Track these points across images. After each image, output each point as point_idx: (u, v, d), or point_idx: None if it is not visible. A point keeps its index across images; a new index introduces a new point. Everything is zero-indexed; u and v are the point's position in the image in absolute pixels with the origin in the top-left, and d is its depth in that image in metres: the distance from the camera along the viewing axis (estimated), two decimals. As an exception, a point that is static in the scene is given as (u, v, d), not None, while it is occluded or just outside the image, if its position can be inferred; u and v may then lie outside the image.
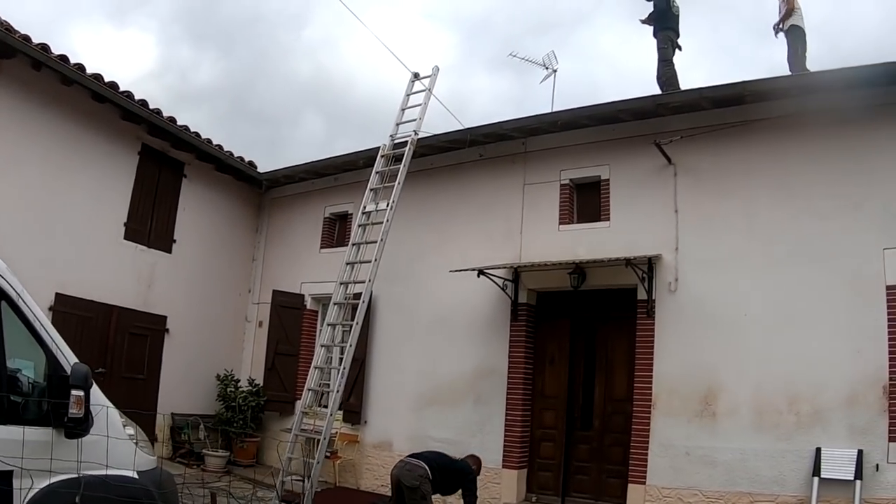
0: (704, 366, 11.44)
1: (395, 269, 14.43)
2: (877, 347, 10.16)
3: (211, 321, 16.64)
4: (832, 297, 10.62)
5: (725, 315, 11.40)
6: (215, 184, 16.98)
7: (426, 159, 14.87)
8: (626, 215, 12.76)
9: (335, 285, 13.47)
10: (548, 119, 13.53)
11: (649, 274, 12.12)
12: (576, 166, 13.52)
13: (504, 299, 13.52)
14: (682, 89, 12.86)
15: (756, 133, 11.70)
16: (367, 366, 14.95)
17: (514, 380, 13.30)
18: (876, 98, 10.73)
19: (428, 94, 14.33)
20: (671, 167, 12.36)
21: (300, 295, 16.53)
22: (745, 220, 11.59)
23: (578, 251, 12.86)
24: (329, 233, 16.88)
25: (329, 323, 13.26)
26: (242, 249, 17.78)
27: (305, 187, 17.41)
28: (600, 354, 13.15)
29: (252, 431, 15.80)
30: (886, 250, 10.35)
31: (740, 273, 11.44)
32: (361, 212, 13.83)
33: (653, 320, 12.05)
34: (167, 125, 14.97)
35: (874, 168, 10.70)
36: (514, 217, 13.90)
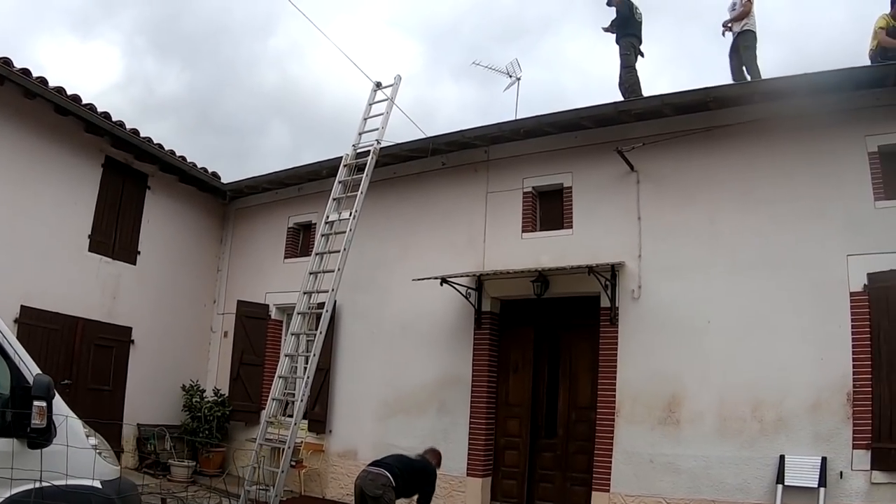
0: (668, 373, 11.18)
1: (359, 278, 14.12)
2: (840, 354, 9.94)
3: (176, 332, 16.26)
4: (796, 304, 10.39)
5: (689, 322, 11.15)
6: (179, 195, 16.57)
7: (389, 168, 14.53)
8: (589, 223, 12.47)
9: (299, 295, 13.17)
10: (510, 127, 13.22)
11: (612, 281, 11.83)
12: (538, 174, 13.23)
13: (467, 308, 13.18)
14: (644, 96, 12.55)
15: (719, 140, 11.44)
16: (331, 375, 14.60)
17: (478, 388, 12.98)
18: (839, 104, 10.55)
19: (390, 103, 13.99)
20: (634, 174, 12.10)
21: (265, 305, 16.13)
22: (709, 228, 11.34)
23: (542, 259, 12.58)
24: (293, 243, 16.49)
25: (293, 332, 13.00)
26: (207, 260, 17.38)
27: (269, 198, 17.01)
28: (564, 362, 12.87)
29: (218, 441, 15.41)
30: (850, 257, 10.13)
31: (704, 280, 11.19)
32: (324, 221, 13.54)
33: (616, 328, 11.77)
34: (130, 137, 14.59)
35: (837, 174, 10.50)
36: (477, 225, 13.57)
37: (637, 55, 14.03)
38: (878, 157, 10.31)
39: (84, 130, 13.92)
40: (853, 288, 10.04)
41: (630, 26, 14.04)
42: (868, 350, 9.78)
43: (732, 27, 13.28)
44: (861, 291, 9.98)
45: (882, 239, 9.92)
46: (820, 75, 10.33)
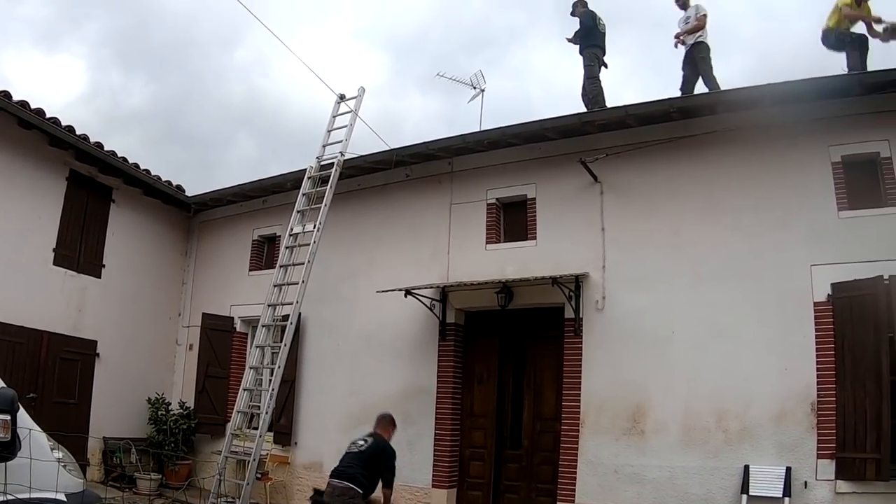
0: (632, 383, 10.96)
1: (324, 290, 13.82)
2: (805, 364, 9.76)
3: (141, 345, 15.89)
4: (760, 314, 10.21)
5: (653, 333, 10.94)
6: (144, 208, 16.22)
7: (353, 180, 14.26)
8: (553, 234, 12.24)
9: (263, 307, 12.95)
10: (474, 138, 12.96)
11: (576, 292, 11.60)
12: (502, 185, 12.99)
13: (432, 319, 12.89)
14: (608, 107, 12.33)
15: (683, 150, 11.25)
16: (296, 387, 14.25)
17: (443, 399, 12.69)
18: (803, 114, 10.40)
19: (354, 115, 13.80)
20: (598, 185, 11.88)
21: (230, 318, 15.76)
22: (673, 238, 11.14)
23: (506, 270, 12.34)
24: (258, 255, 16.16)
25: (257, 345, 12.82)
26: (172, 273, 17.02)
27: (234, 210, 16.65)
28: (529, 373, 12.59)
29: (184, 454, 15.08)
30: (814, 267, 9.97)
31: (668, 290, 10.98)
32: (289, 234, 13.33)
33: (580, 339, 11.53)
34: (94, 151, 14.25)
35: (801, 185, 10.35)
36: (442, 237, 13.30)
37: (601, 66, 13.86)
38: (842, 167, 10.18)
39: (48, 144, 13.59)
40: (817, 298, 9.87)
41: (593, 37, 13.86)
42: (832, 360, 9.60)
43: (685, 39, 13.13)
44: (825, 301, 9.82)
45: (846, 249, 9.77)
46: (784, 85, 10.20)
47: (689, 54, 13.06)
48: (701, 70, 12.75)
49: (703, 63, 12.75)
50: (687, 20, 13.27)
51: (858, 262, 9.57)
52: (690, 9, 13.33)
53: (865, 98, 10.06)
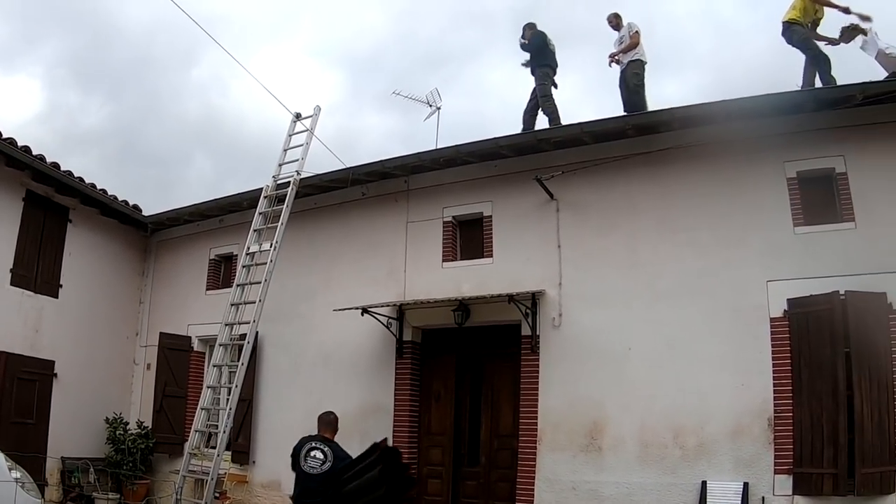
0: (589, 400, 10.71)
1: (281, 309, 13.39)
2: (761, 380, 9.60)
3: (99, 365, 15.36)
4: (717, 331, 10.02)
5: (610, 349, 10.70)
6: (101, 228, 15.73)
7: (310, 199, 13.88)
8: (510, 251, 11.96)
9: (220, 326, 12.52)
10: (430, 156, 12.65)
11: (533, 310, 11.30)
12: (458, 203, 12.68)
13: (389, 337, 12.53)
14: (563, 124, 12.02)
15: (638, 167, 11.01)
16: (254, 406, 13.80)
17: (401, 417, 12.33)
18: (758, 130, 10.24)
19: (310, 134, 13.37)
20: (553, 202, 11.61)
21: (187, 337, 15.29)
22: (629, 255, 10.91)
23: (462, 288, 12.04)
24: (215, 274, 15.72)
25: (215, 364, 12.34)
26: (129, 293, 16.52)
27: (191, 229, 16.18)
28: (486, 390, 12.27)
29: (142, 474, 14.64)
30: (770, 283, 9.80)
31: (624, 307, 10.75)
32: (245, 253, 12.86)
33: (537, 356, 11.25)
34: (51, 171, 13.76)
35: (757, 201, 10.19)
36: (398, 255, 12.96)
37: (552, 84, 13.55)
38: (797, 182, 10.05)
39: (4, 164, 13.07)
40: (773, 314, 9.71)
41: (545, 56, 13.56)
42: (789, 375, 9.44)
43: (620, 59, 12.90)
44: (781, 317, 9.65)
45: (802, 265, 9.63)
46: (739, 101, 10.02)
47: (624, 73, 12.84)
48: (631, 85, 12.55)
49: (634, 78, 12.55)
50: (621, 40, 13.09)
51: (814, 277, 9.44)
52: (624, 28, 13.16)
53: (821, 114, 9.93)
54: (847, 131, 9.84)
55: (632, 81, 12.53)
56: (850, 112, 9.72)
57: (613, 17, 13.40)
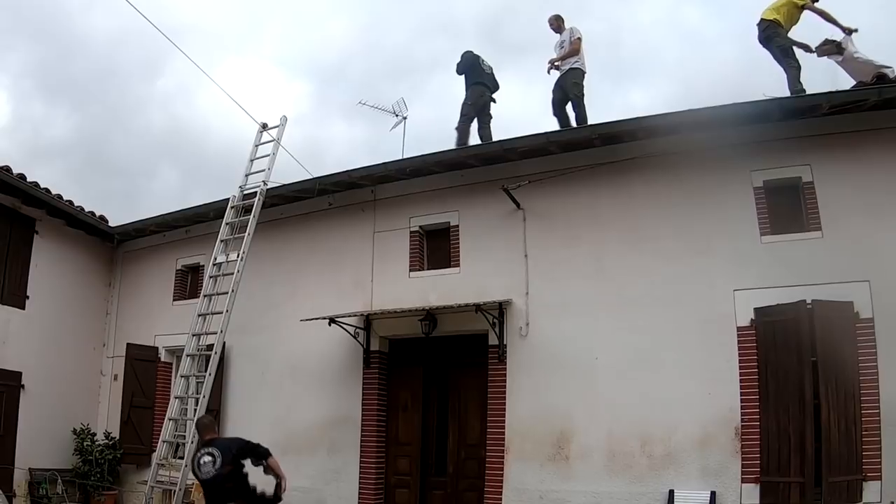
0: (557, 409, 10.49)
1: (248, 319, 13.02)
2: (728, 389, 9.43)
3: (66, 376, 14.96)
4: (683, 340, 9.84)
5: (577, 359, 10.49)
6: (67, 239, 15.33)
7: (276, 209, 13.54)
8: (477, 261, 11.70)
9: (187, 337, 12.21)
10: (396, 166, 12.37)
11: (500, 319, 11.07)
12: (425, 213, 12.41)
13: (356, 347, 12.21)
14: (528, 134, 11.54)
15: (604, 176, 10.80)
16: (221, 416, 13.32)
17: (368, 427, 12.02)
18: (725, 139, 10.08)
19: (276, 144, 13.10)
20: (520, 212, 11.37)
21: (154, 347, 14.88)
22: (595, 264, 10.70)
23: (430, 298, 11.75)
24: (181, 285, 15.34)
25: (182, 375, 12.05)
26: (96, 304, 16.10)
27: (157, 240, 15.79)
28: (453, 400, 11.99)
29: (110, 484, 14.29)
30: (737, 292, 9.65)
31: (591, 317, 10.54)
32: (212, 263, 12.54)
33: (504, 365, 11.01)
34: (16, 182, 13.36)
35: (723, 210, 10.04)
36: (365, 265, 12.65)
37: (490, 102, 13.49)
38: (764, 192, 9.89)
39: (-31, 177, 12.67)
40: (740, 323, 9.56)
41: (478, 75, 13.41)
42: (755, 384, 9.30)
43: (560, 65, 12.70)
44: (748, 326, 9.48)
45: (768, 274, 9.47)
46: (705, 111, 9.83)
47: (561, 79, 12.64)
48: (572, 96, 12.36)
49: (575, 89, 12.35)
50: (562, 45, 12.90)
51: (781, 286, 9.29)
52: (565, 32, 12.97)
53: (787, 123, 9.79)
54: (813, 140, 9.73)
55: (573, 91, 12.37)
56: (816, 121, 9.62)
57: (555, 20, 13.21)
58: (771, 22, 11.00)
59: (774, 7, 11.10)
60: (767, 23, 11.03)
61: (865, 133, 9.47)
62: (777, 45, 10.90)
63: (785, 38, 10.93)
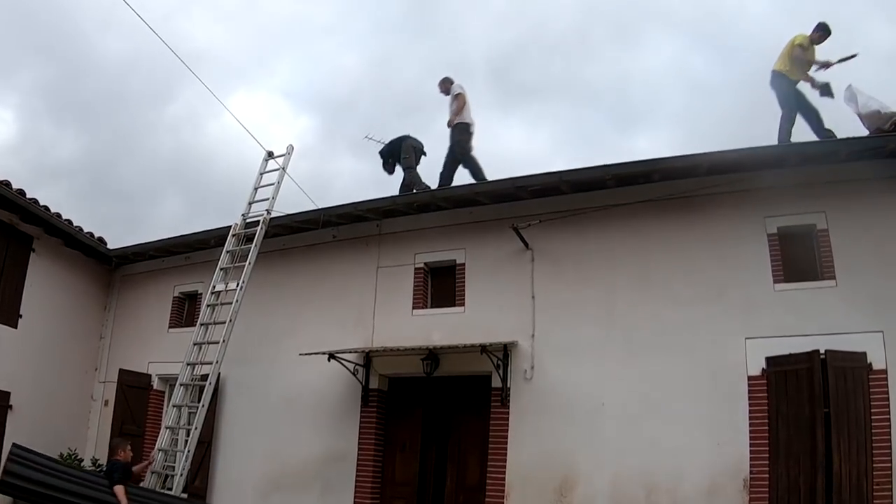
0: (560, 455, 10.34)
1: (246, 350, 12.91)
2: (738, 439, 9.33)
3: (56, 398, 14.76)
4: (693, 388, 9.75)
5: (583, 404, 10.39)
6: (64, 259, 15.22)
7: (279, 239, 13.49)
8: (482, 301, 11.65)
9: (182, 366, 11.96)
10: (403, 200, 12.39)
11: (504, 361, 10.97)
12: (431, 249, 12.39)
13: (355, 384, 12.09)
14: (540, 172, 11.49)
15: (617, 218, 10.81)
16: (213, 448, 13.21)
17: (364, 466, 11.83)
18: (739, 184, 10.10)
19: (282, 172, 13.05)
20: (529, 252, 11.36)
21: (147, 374, 14.69)
22: (605, 307, 10.65)
23: (432, 337, 11.68)
24: (178, 312, 15.21)
25: (174, 404, 11.78)
26: (90, 327, 15.94)
27: (156, 265, 15.70)
28: (453, 442, 11.86)
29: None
30: (748, 340, 9.60)
31: (599, 361, 10.46)
32: (211, 291, 12.40)
33: (507, 409, 10.91)
34: (15, 197, 13.26)
35: (736, 256, 10.03)
36: (367, 300, 12.58)
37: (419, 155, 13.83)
38: (778, 238, 9.91)
39: (-32, 189, 12.61)
40: (751, 372, 9.48)
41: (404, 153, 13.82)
42: (766, 435, 9.18)
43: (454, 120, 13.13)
44: (759, 376, 9.40)
45: (781, 322, 9.43)
46: (721, 154, 9.86)
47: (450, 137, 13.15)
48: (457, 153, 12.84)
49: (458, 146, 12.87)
50: (451, 106, 13.34)
51: (794, 335, 9.23)
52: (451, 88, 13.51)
53: (803, 169, 9.80)
54: (829, 187, 9.75)
55: (457, 149, 12.79)
56: (832, 168, 9.65)
57: (442, 83, 13.76)
58: (775, 72, 11.21)
59: (780, 55, 11.29)
60: (774, 73, 11.23)
61: (882, 181, 9.50)
62: (780, 93, 11.07)
63: (787, 86, 11.04)
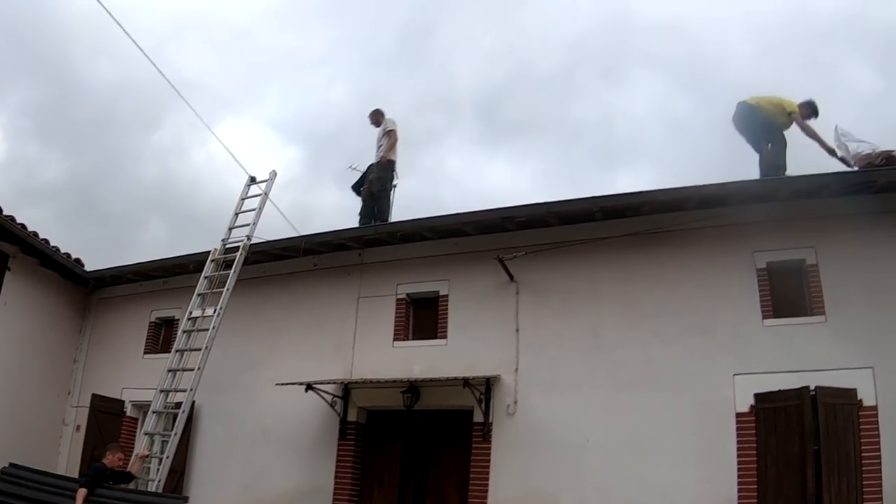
0: (544, 493, 10.08)
1: (222, 378, 12.52)
2: (726, 477, 9.08)
3: (26, 421, 14.29)
4: (680, 424, 9.56)
5: (567, 440, 10.15)
6: (40, 280, 14.85)
7: (259, 266, 13.20)
8: (465, 333, 11.43)
9: (155, 393, 11.58)
10: (386, 230, 12.21)
11: (487, 395, 10.73)
12: (414, 280, 12.18)
13: (333, 416, 11.77)
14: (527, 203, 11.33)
15: (603, 252, 10.67)
16: (185, 478, 12.74)
17: (340, 500, 11.45)
18: (728, 218, 10.06)
19: (264, 198, 12.80)
20: (513, 284, 11.17)
21: (120, 401, 14.24)
22: (590, 341, 10.45)
23: (413, 369, 11.42)
24: (154, 338, 14.84)
25: (146, 432, 11.34)
26: (64, 349, 15.54)
27: (133, 289, 15.37)
28: (433, 477, 11.52)
29: None
30: (737, 376, 9.43)
31: (584, 396, 10.25)
32: (187, 317, 12.05)
33: (489, 444, 10.64)
34: (-10, 214, 13.04)
35: (725, 290, 9.92)
36: (347, 331, 12.31)
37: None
38: (767, 273, 9.82)
39: (-54, 206, 12.30)
40: (740, 408, 9.31)
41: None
42: (754, 473, 8.98)
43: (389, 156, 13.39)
44: (748, 412, 9.22)
45: (770, 358, 9.30)
46: (710, 187, 9.79)
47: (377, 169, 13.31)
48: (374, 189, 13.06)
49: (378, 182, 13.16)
50: (380, 140, 13.59)
51: (783, 371, 9.08)
52: (383, 124, 13.68)
53: (793, 204, 9.73)
54: (819, 222, 9.70)
55: (376, 184, 12.94)
56: (822, 203, 9.58)
57: (373, 115, 14.08)
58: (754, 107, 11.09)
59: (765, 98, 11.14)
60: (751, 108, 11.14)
61: (871, 216, 9.42)
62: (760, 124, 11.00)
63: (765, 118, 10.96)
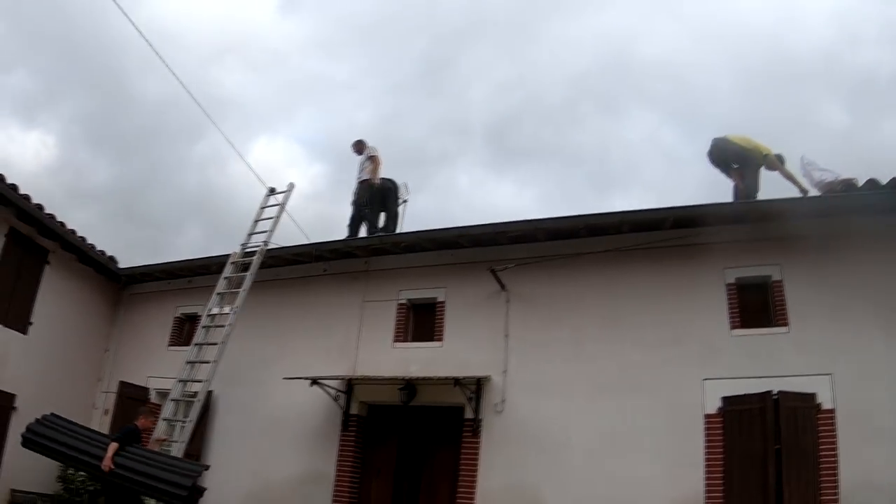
0: (528, 485, 10.56)
1: (238, 371, 13.13)
2: (694, 473, 9.54)
3: (60, 404, 13.92)
4: (653, 425, 10.05)
5: (550, 437, 10.64)
6: (76, 274, 15.49)
7: (274, 270, 13.75)
8: (459, 337, 11.98)
9: (174, 382, 12.19)
10: (391, 240, 12.80)
11: (477, 394, 11.26)
12: (414, 287, 12.75)
13: (336, 409, 12.32)
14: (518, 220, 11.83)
15: (587, 265, 11.21)
16: (203, 461, 13.04)
17: (341, 488, 11.98)
18: (702, 237, 10.54)
19: (281, 208, 13.45)
20: (504, 293, 11.71)
21: (145, 388, 14.81)
22: (573, 348, 10.97)
23: (410, 368, 11.94)
24: (178, 331, 15.42)
25: (164, 418, 11.93)
26: (96, 339, 16.13)
27: (161, 286, 15.98)
28: (427, 469, 12.00)
29: None
30: (706, 381, 9.91)
31: (566, 398, 10.74)
32: (206, 314, 12.69)
33: (478, 439, 11.15)
34: (34, 211, 13.57)
35: (697, 303, 10.46)
36: (352, 331, 12.87)
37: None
38: (736, 288, 10.32)
39: (-7, 200, 13.02)
40: (708, 410, 9.78)
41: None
42: (721, 469, 9.43)
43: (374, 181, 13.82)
44: (716, 414, 9.70)
45: (736, 365, 9.79)
46: (684, 209, 10.36)
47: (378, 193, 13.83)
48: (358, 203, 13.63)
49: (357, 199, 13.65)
50: (363, 165, 14.07)
51: (749, 377, 9.56)
52: (366, 150, 14.15)
53: (759, 224, 10.24)
54: (785, 242, 10.16)
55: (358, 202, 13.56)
56: (787, 225, 10.02)
57: (356, 145, 14.58)
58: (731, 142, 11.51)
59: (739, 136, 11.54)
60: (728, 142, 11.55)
61: (832, 237, 9.93)
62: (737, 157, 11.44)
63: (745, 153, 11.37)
